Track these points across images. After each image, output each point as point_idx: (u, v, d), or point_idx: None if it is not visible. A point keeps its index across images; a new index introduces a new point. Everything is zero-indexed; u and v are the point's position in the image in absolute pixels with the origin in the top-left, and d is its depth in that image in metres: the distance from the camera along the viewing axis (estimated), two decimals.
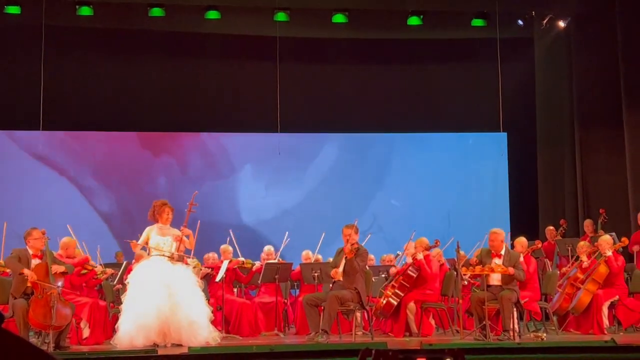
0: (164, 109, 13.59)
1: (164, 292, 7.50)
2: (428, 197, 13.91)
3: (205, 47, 13.60)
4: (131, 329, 7.43)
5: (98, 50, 13.29)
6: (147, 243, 7.89)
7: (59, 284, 7.52)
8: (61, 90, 12.85)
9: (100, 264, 9.54)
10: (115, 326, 7.73)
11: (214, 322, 8.05)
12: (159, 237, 7.83)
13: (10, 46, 12.84)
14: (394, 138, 14.25)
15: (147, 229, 7.95)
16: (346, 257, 8.25)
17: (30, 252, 7.62)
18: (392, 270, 9.41)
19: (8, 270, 8.15)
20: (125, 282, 8.01)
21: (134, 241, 8.00)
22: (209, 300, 8.34)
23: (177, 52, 13.62)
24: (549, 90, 13.59)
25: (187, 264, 8.02)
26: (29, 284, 7.42)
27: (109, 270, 9.39)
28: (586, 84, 12.77)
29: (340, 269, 8.30)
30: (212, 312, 8.02)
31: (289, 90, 13.14)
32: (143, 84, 13.51)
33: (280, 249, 10.15)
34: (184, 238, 7.85)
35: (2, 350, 1.18)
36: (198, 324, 7.53)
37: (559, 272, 9.86)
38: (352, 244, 8.21)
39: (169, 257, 7.78)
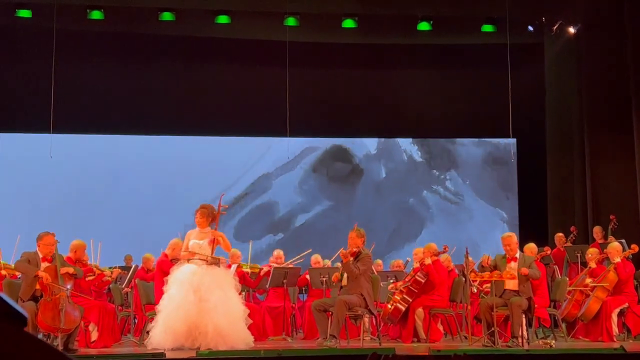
0: (174, 113, 13.62)
1: (193, 297, 7.53)
2: (434, 203, 13.90)
3: (215, 52, 13.62)
4: (162, 330, 7.47)
5: (109, 54, 13.33)
6: (187, 248, 7.93)
7: (68, 286, 7.53)
8: (72, 94, 12.89)
9: (109, 268, 9.53)
10: (150, 326, 7.78)
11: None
12: (194, 240, 7.87)
13: (21, 49, 12.90)
14: (402, 143, 14.24)
15: (188, 233, 8.04)
16: (342, 261, 8.25)
17: (40, 255, 7.63)
18: (391, 287, 9.32)
19: (17, 274, 8.17)
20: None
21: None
22: None
23: (187, 56, 13.66)
24: (559, 96, 13.54)
25: (219, 266, 8.01)
26: (37, 287, 7.44)
27: (117, 271, 9.40)
28: (596, 89, 12.72)
29: (345, 277, 8.30)
30: (249, 314, 8.01)
31: (298, 94, 13.15)
32: (153, 88, 13.55)
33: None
34: (219, 240, 7.86)
35: (24, 353, 1.18)
36: (225, 329, 7.52)
37: (568, 279, 9.80)
38: (351, 249, 8.20)
39: (204, 260, 7.78)
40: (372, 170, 14.18)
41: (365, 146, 14.27)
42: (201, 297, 7.54)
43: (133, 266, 9.85)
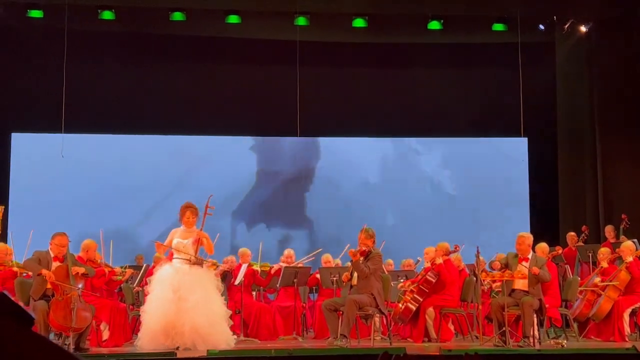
0: (184, 113, 13.62)
1: (171, 296, 7.53)
2: (447, 203, 13.88)
3: (225, 52, 13.62)
4: (145, 331, 7.49)
5: (119, 54, 13.35)
6: (170, 245, 7.90)
7: (80, 286, 7.56)
8: (83, 94, 12.93)
9: (122, 267, 9.55)
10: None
11: (232, 326, 8.03)
12: (179, 239, 7.85)
13: (33, 50, 12.94)
14: (412, 142, 14.21)
15: (172, 231, 8.00)
16: (351, 260, 8.24)
17: (52, 254, 7.66)
18: (401, 286, 9.29)
19: (30, 273, 8.20)
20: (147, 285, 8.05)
21: (158, 241, 8.04)
22: (227, 303, 8.33)
23: (198, 56, 13.66)
24: (570, 95, 13.47)
25: (202, 266, 8.01)
26: (49, 286, 7.46)
27: (129, 271, 9.42)
28: (607, 88, 12.66)
29: (354, 274, 8.28)
30: (231, 316, 8.00)
31: (308, 94, 13.13)
32: (164, 88, 13.56)
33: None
34: (203, 240, 7.85)
35: (30, 352, 1.17)
36: (204, 329, 7.50)
37: (579, 278, 9.75)
38: (361, 248, 8.18)
39: (187, 260, 7.78)
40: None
41: (376, 145, 14.24)
42: (180, 296, 7.56)
43: (144, 265, 9.87)
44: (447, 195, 13.95)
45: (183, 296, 7.55)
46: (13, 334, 1.17)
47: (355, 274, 8.25)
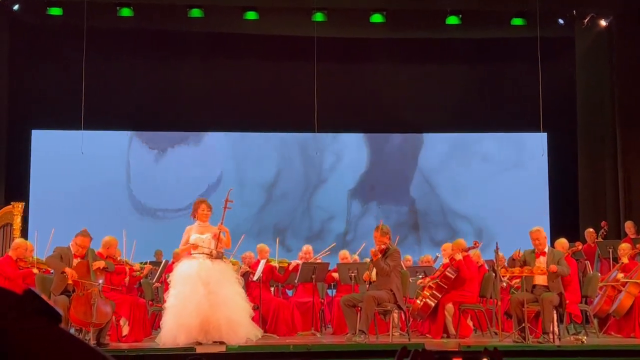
0: (203, 110, 13.69)
1: (203, 291, 7.54)
2: (469, 200, 13.87)
3: (243, 48, 13.65)
4: (173, 327, 7.49)
5: (138, 51, 13.44)
6: (187, 242, 7.92)
7: (100, 281, 7.62)
8: (102, 91, 13.01)
9: (140, 264, 9.61)
10: (161, 324, 7.81)
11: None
12: (197, 235, 7.88)
13: (52, 48, 13.05)
14: (430, 139, 14.18)
15: (187, 228, 8.01)
16: (371, 260, 8.23)
17: (72, 251, 7.73)
18: (420, 282, 9.27)
19: (50, 269, 8.28)
20: (168, 280, 8.07)
21: (177, 250, 8.06)
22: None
23: (216, 52, 13.70)
24: (591, 90, 13.37)
25: (223, 260, 8.06)
26: (69, 282, 7.53)
27: (148, 266, 9.48)
28: (628, 83, 12.55)
29: (373, 271, 8.28)
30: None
31: (326, 90, 13.14)
32: (182, 85, 13.64)
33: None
34: (221, 236, 7.87)
35: (60, 350, 1.20)
36: (237, 322, 7.56)
37: (599, 274, 9.70)
38: (379, 247, 8.18)
39: (208, 254, 7.81)
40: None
41: (392, 141, 14.23)
42: (210, 290, 7.57)
43: (163, 261, 9.93)
44: (464, 191, 13.93)
45: (213, 290, 7.58)
46: (47, 334, 1.19)
47: (375, 270, 8.25)
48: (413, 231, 13.83)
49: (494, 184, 13.82)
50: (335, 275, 9.83)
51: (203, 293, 7.53)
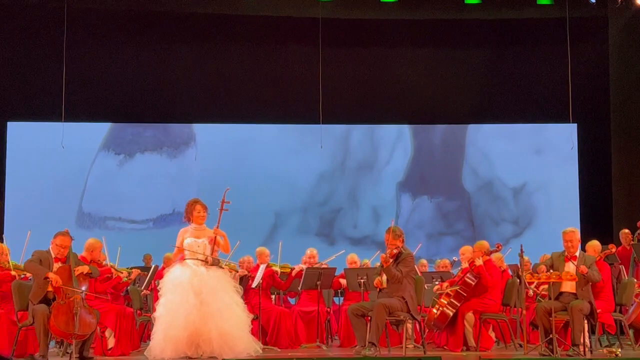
0: (194, 99, 13.70)
1: (194, 301, 7.53)
2: (484, 198, 13.90)
3: (241, 31, 13.63)
4: (161, 339, 7.50)
5: (124, 35, 13.42)
6: (182, 247, 7.88)
7: (83, 288, 7.62)
8: (85, 79, 13.04)
9: (127, 269, 9.62)
10: (151, 335, 7.81)
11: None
12: (192, 239, 7.87)
13: (30, 32, 13.05)
14: (446, 130, 14.19)
15: (181, 231, 7.97)
16: (382, 266, 8.23)
17: (53, 254, 7.73)
18: (437, 289, 9.28)
19: (28, 275, 8.29)
20: (158, 287, 8.06)
21: (170, 254, 8.01)
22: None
23: (210, 36, 13.69)
24: (625, 76, 13.36)
25: (222, 268, 8.05)
26: (49, 289, 7.53)
27: (135, 271, 9.49)
28: None
29: (384, 277, 8.28)
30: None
31: (332, 77, 13.13)
32: (172, 72, 13.63)
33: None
34: (219, 239, 7.87)
35: None
36: (232, 335, 7.55)
37: (635, 280, 9.69)
38: (391, 251, 8.18)
39: (203, 260, 7.80)
40: None
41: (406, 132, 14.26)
42: (202, 300, 7.56)
43: (153, 266, 9.95)
44: (481, 190, 13.97)
45: (205, 300, 7.57)
46: None
47: (385, 276, 8.25)
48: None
49: (519, 181, 13.85)
50: (343, 281, 9.84)
51: (193, 303, 7.53)
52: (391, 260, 8.12)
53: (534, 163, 13.92)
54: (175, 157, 13.74)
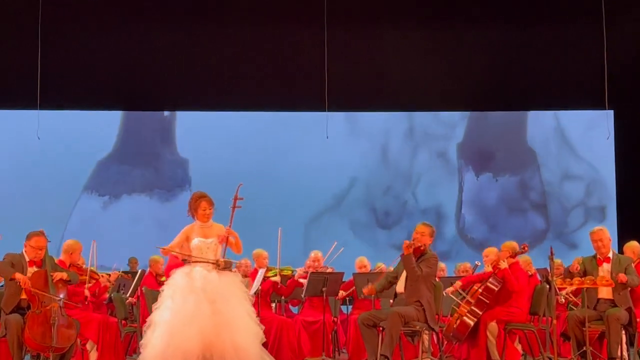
0: (182, 85, 13.70)
1: (208, 310, 7.37)
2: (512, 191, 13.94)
3: (236, 9, 13.62)
4: (163, 348, 7.31)
5: (104, 15, 13.40)
6: (182, 246, 7.73)
7: (61, 296, 7.58)
8: (61, 63, 13.07)
9: (107, 273, 9.56)
10: (140, 343, 7.65)
11: None
12: (200, 238, 7.70)
13: (1, 10, 13.06)
14: (463, 117, 14.20)
15: (185, 228, 7.76)
16: (402, 254, 8.14)
17: (27, 258, 7.69)
18: (450, 290, 9.22)
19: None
20: (160, 290, 7.87)
21: (165, 247, 7.79)
22: None
23: (201, 16, 13.68)
24: None
25: (232, 271, 7.90)
26: (23, 296, 7.49)
27: (115, 273, 9.45)
28: None
29: (401, 282, 8.21)
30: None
31: (338, 60, 13.11)
32: (158, 55, 13.62)
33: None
34: (231, 239, 7.71)
35: None
36: (246, 351, 7.41)
37: None
38: (416, 244, 8.12)
39: (214, 264, 7.64)
40: None
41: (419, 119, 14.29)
42: (216, 309, 7.40)
43: (139, 271, 9.90)
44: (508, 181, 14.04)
45: (219, 309, 7.40)
46: None
47: (402, 278, 8.18)
48: None
49: (547, 174, 13.91)
50: (342, 293, 9.78)
51: (208, 313, 7.38)
52: (411, 251, 8.07)
53: (563, 153, 13.96)
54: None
